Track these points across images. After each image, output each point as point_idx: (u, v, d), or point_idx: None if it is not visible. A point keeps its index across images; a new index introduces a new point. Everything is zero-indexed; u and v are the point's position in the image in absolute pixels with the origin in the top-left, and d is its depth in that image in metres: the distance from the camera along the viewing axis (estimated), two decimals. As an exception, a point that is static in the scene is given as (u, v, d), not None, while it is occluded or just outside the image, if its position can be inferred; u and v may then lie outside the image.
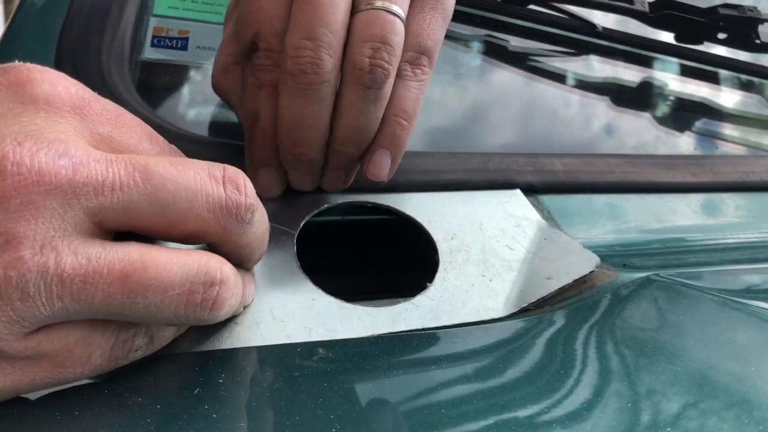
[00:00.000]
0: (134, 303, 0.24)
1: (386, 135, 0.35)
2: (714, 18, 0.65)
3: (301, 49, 0.30)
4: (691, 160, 0.51)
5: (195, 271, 0.25)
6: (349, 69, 0.32)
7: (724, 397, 0.28)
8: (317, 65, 0.31)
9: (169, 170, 0.24)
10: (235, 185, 0.26)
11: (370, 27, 0.32)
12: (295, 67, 0.31)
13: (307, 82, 0.31)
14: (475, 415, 0.26)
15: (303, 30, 0.31)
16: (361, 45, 0.31)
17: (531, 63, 0.62)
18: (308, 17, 0.31)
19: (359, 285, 0.43)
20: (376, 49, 0.31)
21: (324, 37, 0.31)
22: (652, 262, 0.42)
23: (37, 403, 0.25)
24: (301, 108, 0.32)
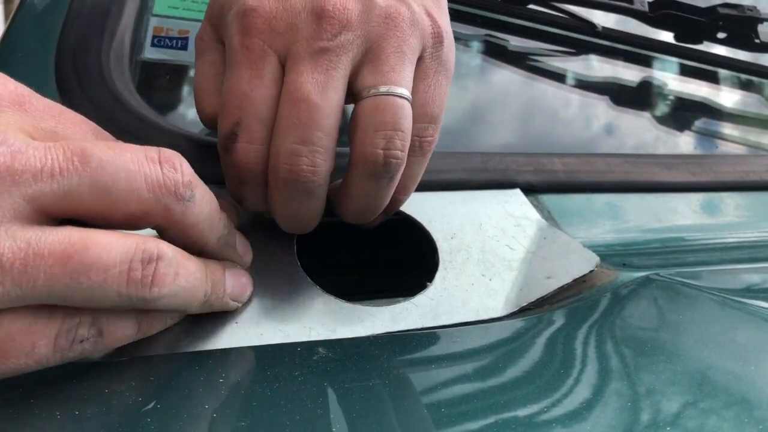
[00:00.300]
0: (77, 283, 0.24)
1: (388, 207, 0.34)
2: (713, 17, 0.65)
3: (296, 156, 0.29)
4: (691, 160, 0.51)
5: (134, 249, 0.25)
6: (361, 161, 0.30)
7: (724, 397, 0.28)
8: (313, 172, 0.29)
9: (106, 153, 0.25)
10: (172, 164, 0.26)
11: (380, 115, 0.30)
12: (289, 175, 0.29)
13: (301, 188, 0.29)
14: (475, 414, 0.26)
15: (296, 133, 0.29)
16: (372, 135, 0.29)
17: (531, 63, 0.62)
18: (303, 119, 0.29)
19: (359, 285, 0.43)
20: (389, 138, 0.29)
21: (320, 142, 0.29)
22: (651, 261, 0.42)
23: (36, 401, 0.25)
24: (296, 209, 0.31)
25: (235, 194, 0.32)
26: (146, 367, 0.28)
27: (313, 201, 0.31)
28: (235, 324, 0.31)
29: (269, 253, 0.34)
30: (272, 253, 0.34)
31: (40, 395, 0.25)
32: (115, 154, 0.25)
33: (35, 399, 0.25)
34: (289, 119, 0.29)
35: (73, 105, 0.37)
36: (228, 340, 0.30)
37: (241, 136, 0.30)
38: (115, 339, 0.27)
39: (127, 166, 0.25)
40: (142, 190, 0.25)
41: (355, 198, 0.32)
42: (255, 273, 0.33)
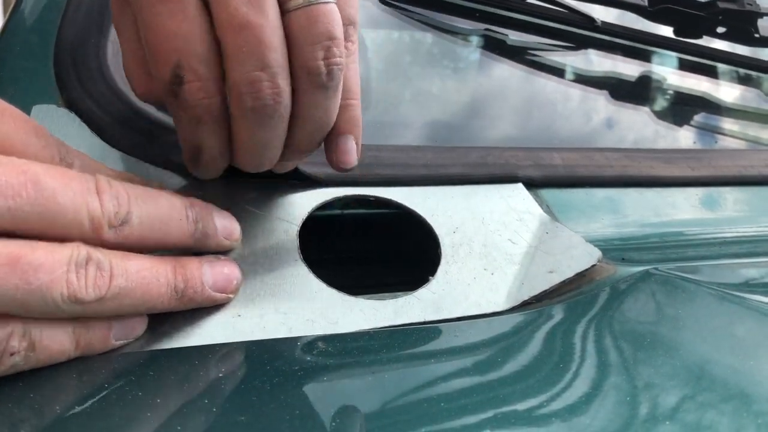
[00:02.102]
0: (27, 284, 0.24)
1: (344, 120, 0.33)
2: (713, 12, 0.65)
3: (257, 83, 0.28)
4: (690, 155, 0.51)
5: (76, 254, 0.25)
6: (304, 75, 0.29)
7: (722, 391, 0.28)
8: (278, 94, 0.29)
9: (57, 182, 0.26)
10: (110, 195, 0.27)
11: (314, 26, 0.29)
12: (255, 102, 0.28)
13: (270, 112, 0.29)
14: (476, 408, 0.26)
15: (250, 61, 0.28)
16: (311, 48, 0.29)
17: (530, 57, 0.62)
18: (251, 44, 0.28)
19: (362, 278, 0.43)
20: (326, 48, 0.29)
21: (275, 63, 0.28)
22: (650, 256, 0.42)
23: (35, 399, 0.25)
24: (263, 135, 0.30)
25: (191, 143, 0.31)
26: (146, 362, 0.28)
27: (281, 124, 0.30)
28: (238, 317, 0.31)
29: (272, 247, 0.34)
30: (274, 246, 0.34)
31: (40, 391, 0.25)
32: (65, 184, 0.26)
33: (34, 394, 0.25)
34: (238, 47, 0.28)
35: (72, 99, 0.37)
36: (230, 333, 0.30)
37: (187, 76, 0.28)
38: (49, 354, 0.26)
39: (75, 197, 0.26)
40: (84, 221, 0.26)
41: (306, 118, 0.31)
42: (257, 267, 0.33)
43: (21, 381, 0.25)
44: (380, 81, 0.55)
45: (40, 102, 0.38)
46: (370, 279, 0.43)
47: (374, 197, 0.39)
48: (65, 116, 0.37)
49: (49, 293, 0.25)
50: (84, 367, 0.27)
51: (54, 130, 0.30)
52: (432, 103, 0.55)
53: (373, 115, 0.52)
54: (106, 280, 0.26)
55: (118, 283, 0.27)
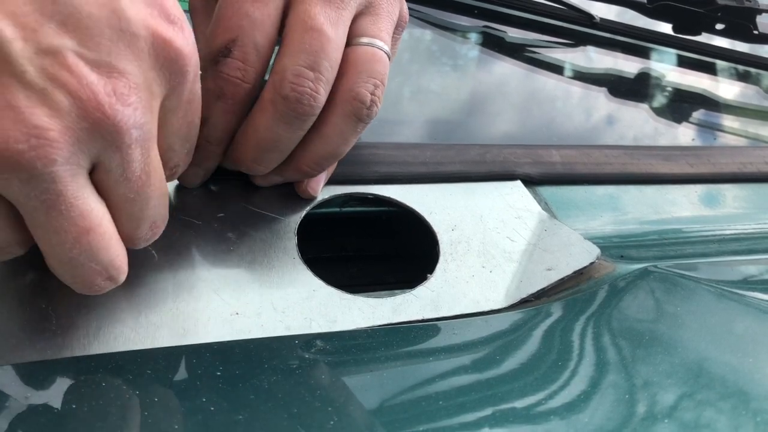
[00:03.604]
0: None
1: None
2: (712, 9, 0.65)
3: (302, 78, 0.29)
4: (689, 152, 0.51)
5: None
6: (349, 99, 0.31)
7: (721, 388, 0.28)
8: (314, 98, 0.30)
9: None
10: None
11: (375, 64, 0.32)
12: (292, 94, 0.29)
13: (299, 111, 0.30)
14: (474, 405, 0.26)
15: (307, 58, 0.29)
16: (366, 79, 0.31)
17: (529, 54, 0.62)
18: (314, 47, 0.29)
19: (360, 276, 0.43)
20: (377, 86, 0.31)
21: (326, 72, 0.30)
22: (649, 253, 0.42)
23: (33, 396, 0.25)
24: (281, 134, 0.31)
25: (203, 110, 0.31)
26: (144, 361, 0.28)
27: (299, 131, 0.31)
28: (236, 315, 0.31)
29: (269, 245, 0.34)
30: (273, 245, 0.34)
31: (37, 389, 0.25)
32: None
33: (31, 393, 0.25)
34: (300, 44, 0.29)
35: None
36: (228, 332, 0.30)
37: (235, 53, 0.30)
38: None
39: None
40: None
41: (328, 139, 0.32)
42: (256, 265, 0.33)
43: (19, 381, 0.25)
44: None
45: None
46: (369, 277, 0.43)
47: (373, 195, 0.39)
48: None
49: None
50: (82, 366, 0.27)
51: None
52: (431, 101, 0.55)
53: (371, 113, 0.52)
54: None
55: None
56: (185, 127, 0.28)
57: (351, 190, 0.38)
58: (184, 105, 0.27)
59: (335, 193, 0.38)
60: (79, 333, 0.28)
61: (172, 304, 0.31)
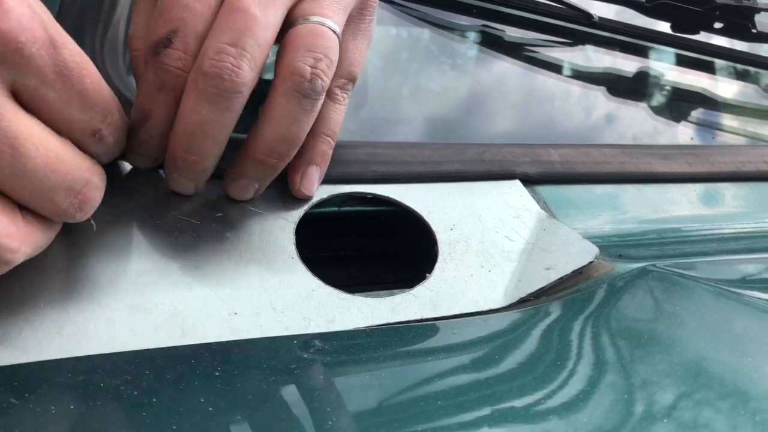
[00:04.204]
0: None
1: (318, 152, 0.36)
2: (710, 8, 0.65)
3: (223, 54, 0.29)
4: (688, 150, 0.51)
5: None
6: (287, 75, 0.31)
7: (720, 388, 0.28)
8: (236, 73, 0.29)
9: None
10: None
11: (314, 38, 0.31)
12: (211, 70, 0.29)
13: (221, 87, 0.29)
14: (473, 405, 0.26)
15: (230, 35, 0.29)
16: (304, 53, 0.31)
17: (527, 53, 0.62)
18: (238, 25, 0.29)
19: (358, 276, 0.43)
20: (318, 59, 0.31)
21: (250, 49, 0.29)
22: (648, 252, 0.42)
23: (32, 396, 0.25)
24: (206, 115, 0.30)
25: (143, 107, 0.31)
26: (142, 361, 0.28)
27: (225, 112, 0.30)
28: (234, 315, 0.31)
29: (268, 245, 0.34)
30: (271, 244, 0.34)
31: (35, 389, 0.25)
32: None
33: (30, 393, 0.25)
34: (225, 24, 0.29)
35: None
36: (226, 332, 0.30)
37: (175, 44, 0.30)
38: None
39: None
40: None
41: (274, 121, 0.32)
42: (254, 264, 0.33)
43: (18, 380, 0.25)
44: (377, 78, 0.55)
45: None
46: (367, 277, 0.43)
47: (371, 194, 0.39)
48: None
49: None
50: (81, 365, 0.27)
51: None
52: (429, 100, 0.55)
53: (370, 112, 0.52)
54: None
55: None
56: (76, 97, 0.26)
57: (349, 189, 0.38)
58: (54, 79, 0.26)
59: (333, 192, 0.38)
60: (77, 333, 0.28)
61: (170, 304, 0.30)
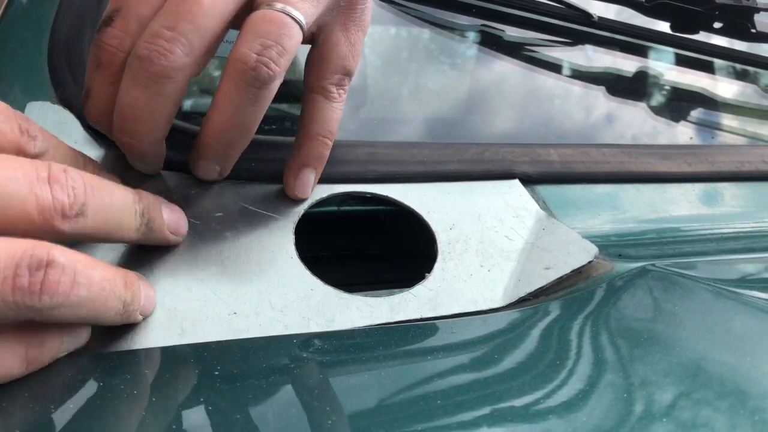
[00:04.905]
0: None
1: (314, 155, 0.35)
2: (710, 7, 0.65)
3: (157, 37, 0.28)
4: (687, 150, 0.51)
5: (20, 254, 0.23)
6: (232, 61, 0.29)
7: (719, 388, 0.28)
8: (166, 57, 0.28)
9: (1, 172, 0.24)
10: (61, 184, 0.26)
11: (267, 24, 0.29)
12: (143, 52, 0.28)
13: (150, 71, 0.28)
14: (472, 405, 0.26)
15: (169, 19, 0.28)
16: (252, 39, 0.29)
17: (526, 53, 0.62)
18: (180, 9, 0.28)
19: (358, 275, 0.43)
20: (266, 46, 0.29)
21: (187, 34, 0.28)
22: (647, 252, 0.42)
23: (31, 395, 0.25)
24: (137, 98, 0.29)
25: (86, 83, 0.31)
26: (141, 361, 0.28)
27: (156, 96, 0.29)
28: (233, 315, 0.31)
29: (267, 244, 0.34)
30: (270, 243, 0.34)
31: (35, 388, 0.25)
32: (9, 174, 0.24)
33: (29, 393, 0.25)
34: (169, 8, 0.29)
35: (66, 96, 0.37)
36: (225, 331, 0.30)
37: (116, 23, 0.29)
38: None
39: (20, 188, 0.24)
40: (32, 213, 0.25)
41: (218, 108, 0.30)
42: (253, 264, 0.33)
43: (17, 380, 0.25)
44: (377, 77, 0.55)
45: (35, 99, 0.38)
46: (367, 276, 0.43)
47: (371, 194, 0.39)
48: (60, 113, 0.37)
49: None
50: (80, 365, 0.27)
51: (48, 126, 0.30)
52: (429, 100, 0.55)
53: (369, 112, 0.52)
54: (66, 286, 0.24)
55: (80, 293, 0.25)
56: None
57: (349, 188, 0.38)
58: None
59: (333, 191, 0.38)
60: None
61: (169, 304, 0.30)
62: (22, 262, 0.23)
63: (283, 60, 0.30)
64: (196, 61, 0.29)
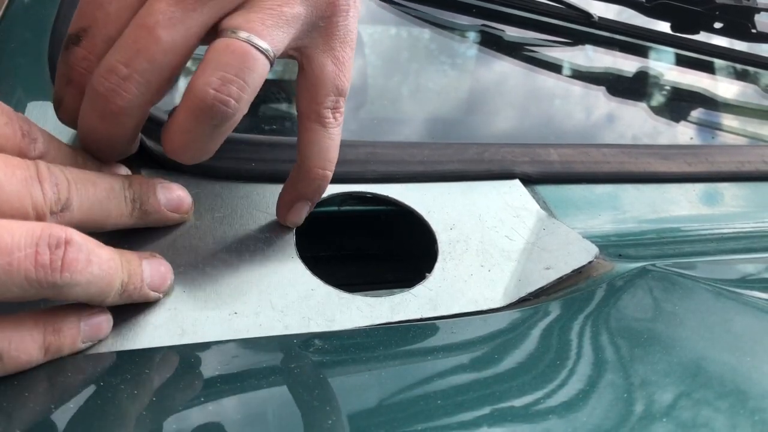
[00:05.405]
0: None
1: (312, 189, 0.34)
2: (710, 7, 0.65)
3: (113, 73, 0.27)
4: (687, 150, 0.51)
5: (39, 233, 0.24)
6: (189, 92, 0.28)
7: (719, 388, 0.28)
8: (121, 97, 0.28)
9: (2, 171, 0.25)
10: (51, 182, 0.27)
11: (229, 56, 0.27)
12: (99, 86, 0.28)
13: (106, 108, 0.28)
14: (472, 404, 0.26)
15: (126, 53, 0.27)
16: (211, 72, 0.27)
17: (527, 53, 0.62)
18: (138, 45, 0.27)
19: (358, 275, 0.43)
20: (226, 81, 0.27)
21: (143, 73, 0.27)
22: (647, 252, 0.42)
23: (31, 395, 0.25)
24: (96, 126, 0.29)
25: (57, 93, 0.31)
26: (142, 360, 0.28)
27: (115, 127, 0.29)
28: (234, 314, 0.31)
29: (268, 244, 0.34)
30: (271, 243, 0.34)
31: (36, 388, 0.25)
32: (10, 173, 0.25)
33: (30, 392, 0.25)
34: (127, 39, 0.28)
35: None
36: (226, 331, 0.30)
37: (83, 43, 0.29)
38: (14, 362, 0.25)
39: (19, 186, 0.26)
40: (28, 210, 0.26)
41: (175, 134, 0.29)
42: (254, 264, 0.33)
43: (15, 379, 0.25)
44: (377, 77, 0.55)
45: (35, 99, 0.38)
46: (367, 276, 0.43)
47: (371, 194, 0.39)
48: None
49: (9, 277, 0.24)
50: (80, 365, 0.27)
51: (48, 126, 0.30)
52: (429, 100, 0.55)
53: (369, 112, 0.52)
54: (83, 264, 0.25)
55: (93, 270, 0.26)
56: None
57: (349, 189, 0.38)
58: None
59: (333, 192, 0.38)
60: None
61: (170, 304, 0.31)
62: (42, 240, 0.24)
63: (245, 95, 0.28)
64: (152, 96, 0.29)
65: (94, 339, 0.28)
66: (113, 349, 0.28)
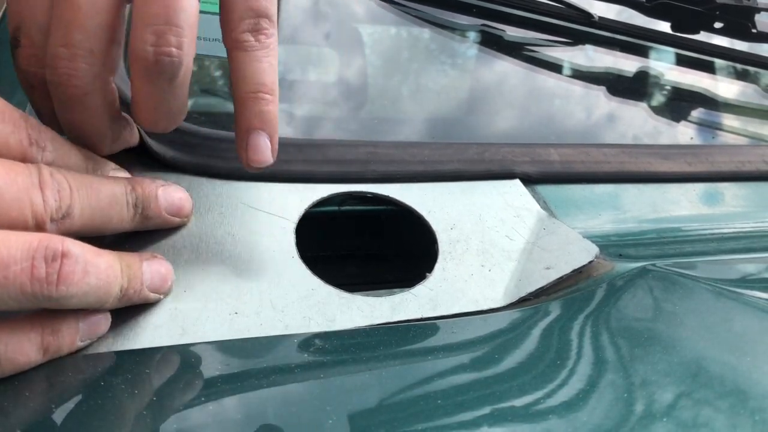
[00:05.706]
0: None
1: (253, 114, 0.31)
2: (710, 7, 0.65)
3: (58, 59, 0.27)
4: (687, 150, 0.51)
5: (36, 246, 0.24)
6: (132, 60, 0.27)
7: (719, 387, 0.28)
8: (74, 77, 0.27)
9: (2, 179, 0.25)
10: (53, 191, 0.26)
11: (150, 6, 0.26)
12: (53, 78, 0.27)
13: (67, 95, 0.28)
14: (473, 404, 0.26)
15: (59, 35, 0.27)
16: (142, 29, 0.27)
17: (527, 53, 0.62)
18: (64, 19, 0.27)
19: (358, 275, 0.43)
20: (160, 34, 0.26)
21: (81, 44, 0.27)
22: (648, 252, 0.42)
23: (32, 394, 0.25)
24: (71, 118, 0.29)
25: (34, 104, 0.31)
26: (142, 360, 0.28)
27: (84, 110, 0.29)
28: (235, 314, 0.31)
29: (268, 244, 0.34)
30: (271, 243, 0.34)
31: (36, 388, 0.25)
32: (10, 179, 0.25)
33: (30, 392, 0.25)
34: (55, 19, 0.27)
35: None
36: (226, 331, 0.30)
37: (23, 42, 0.29)
38: (14, 366, 0.26)
39: (20, 193, 0.25)
40: (28, 217, 0.26)
41: (140, 102, 0.29)
42: (254, 264, 0.33)
43: (16, 379, 0.25)
44: (377, 77, 0.55)
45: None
46: (367, 276, 0.43)
47: (371, 194, 0.39)
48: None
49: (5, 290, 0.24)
50: (80, 365, 0.27)
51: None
52: (429, 99, 0.55)
53: (369, 112, 0.52)
54: (79, 276, 0.25)
55: (90, 281, 0.26)
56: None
57: (349, 188, 0.38)
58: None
59: (334, 191, 0.38)
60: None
61: (170, 304, 0.31)
62: (38, 253, 0.24)
63: (185, 38, 0.27)
64: (103, 65, 0.28)
65: (93, 337, 0.28)
66: (113, 348, 0.28)
